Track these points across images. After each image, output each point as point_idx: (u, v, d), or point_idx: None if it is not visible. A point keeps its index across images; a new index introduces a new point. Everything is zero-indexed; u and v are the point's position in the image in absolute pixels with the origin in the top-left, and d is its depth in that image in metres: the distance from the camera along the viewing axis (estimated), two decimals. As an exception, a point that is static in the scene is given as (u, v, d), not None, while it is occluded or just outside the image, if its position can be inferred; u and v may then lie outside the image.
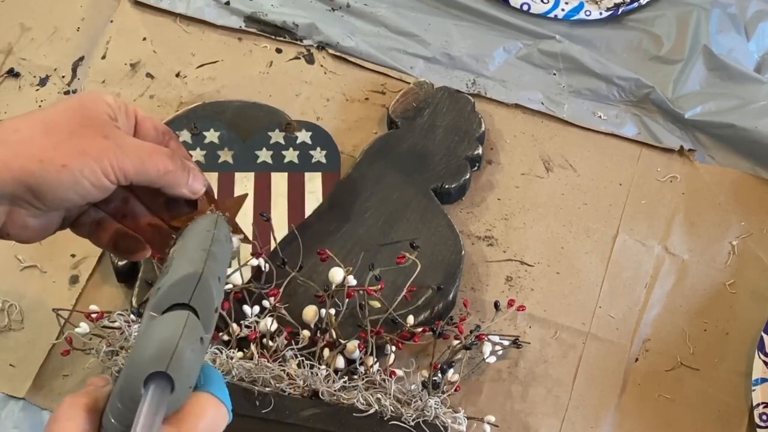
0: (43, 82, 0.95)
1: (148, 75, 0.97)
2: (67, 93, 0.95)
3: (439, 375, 0.78)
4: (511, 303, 0.83)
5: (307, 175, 0.88)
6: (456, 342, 0.80)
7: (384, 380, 0.76)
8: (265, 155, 0.89)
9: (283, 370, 0.74)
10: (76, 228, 0.62)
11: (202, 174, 0.60)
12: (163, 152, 0.58)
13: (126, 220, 0.62)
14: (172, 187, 0.58)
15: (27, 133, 0.54)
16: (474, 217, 0.90)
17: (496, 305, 0.82)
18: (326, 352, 0.77)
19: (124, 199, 0.62)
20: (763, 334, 0.84)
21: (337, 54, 0.99)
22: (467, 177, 0.90)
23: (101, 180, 0.55)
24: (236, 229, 0.62)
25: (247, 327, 0.77)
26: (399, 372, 0.78)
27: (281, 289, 0.78)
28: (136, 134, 0.60)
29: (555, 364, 0.83)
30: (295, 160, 0.89)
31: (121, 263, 0.82)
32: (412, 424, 0.73)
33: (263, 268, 0.80)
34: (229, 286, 0.78)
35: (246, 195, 0.65)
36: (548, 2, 1.03)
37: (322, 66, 0.99)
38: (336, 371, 0.76)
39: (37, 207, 0.55)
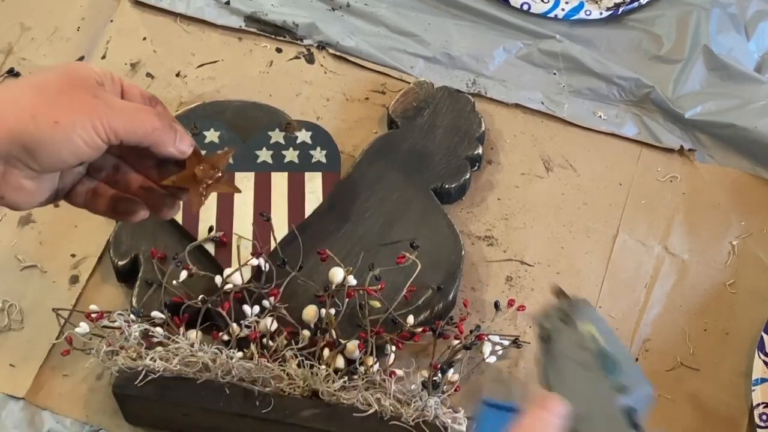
0: (43, 81, 0.95)
1: (148, 75, 0.97)
2: (67, 93, 0.95)
3: (439, 375, 0.78)
4: (511, 303, 0.83)
5: (307, 175, 0.88)
6: (456, 342, 0.80)
7: (384, 380, 0.76)
8: (265, 155, 0.89)
9: (283, 370, 0.74)
10: (71, 198, 0.63)
11: (189, 135, 0.61)
12: (150, 111, 0.59)
13: (118, 186, 0.63)
14: (159, 145, 0.59)
15: (18, 92, 0.55)
16: (474, 217, 0.90)
17: (496, 305, 0.82)
18: (326, 352, 0.77)
19: (115, 167, 0.62)
20: (763, 334, 0.84)
21: (337, 54, 0.99)
22: (467, 177, 0.90)
23: (93, 137, 0.55)
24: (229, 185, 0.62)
25: (247, 327, 0.77)
26: (399, 372, 0.78)
27: (281, 289, 0.78)
28: (123, 98, 0.60)
29: (555, 364, 0.83)
30: (295, 160, 0.89)
31: (121, 263, 0.82)
32: (412, 424, 0.73)
33: (263, 268, 0.80)
34: (229, 286, 0.78)
35: (232, 150, 0.65)
36: (548, 2, 1.03)
37: (322, 66, 0.99)
38: (336, 371, 0.76)
39: (31, 167, 0.55)
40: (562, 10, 1.02)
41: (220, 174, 0.61)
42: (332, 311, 0.77)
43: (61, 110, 0.55)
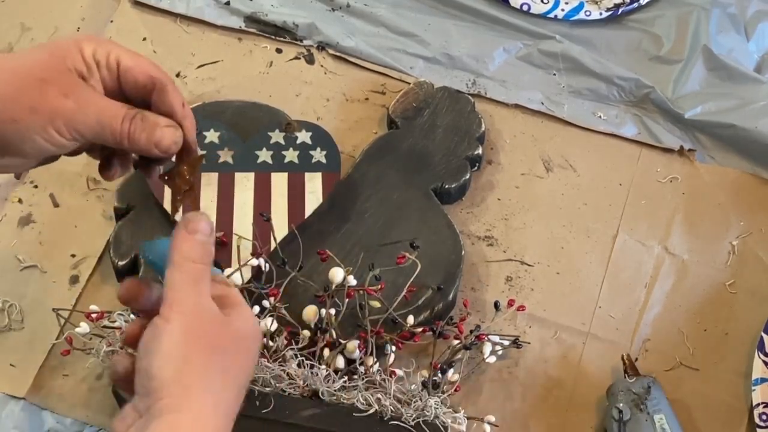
0: (43, 82, 0.95)
1: (148, 75, 0.97)
2: (67, 93, 0.95)
3: (439, 375, 0.78)
4: (511, 303, 0.83)
5: (307, 175, 0.88)
6: (456, 342, 0.80)
7: (384, 380, 0.76)
8: (265, 155, 0.89)
9: (283, 370, 0.74)
10: (91, 153, 0.60)
11: (174, 129, 0.57)
12: (121, 114, 0.56)
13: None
14: (130, 147, 0.57)
15: None
16: (474, 217, 0.90)
17: (496, 305, 0.82)
18: (326, 352, 0.77)
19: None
20: (763, 334, 0.84)
21: (337, 54, 0.99)
22: (467, 177, 0.90)
23: (54, 137, 0.54)
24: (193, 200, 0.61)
25: (247, 327, 0.77)
26: (399, 372, 0.78)
27: (281, 289, 0.78)
28: (121, 87, 0.57)
29: (555, 364, 0.83)
30: (295, 160, 0.89)
31: (121, 263, 0.82)
32: (412, 424, 0.73)
33: (263, 268, 0.80)
34: (229, 286, 0.78)
35: (201, 158, 0.61)
36: (548, 2, 1.03)
37: (322, 66, 0.99)
38: (336, 371, 0.76)
39: None
40: (562, 10, 1.02)
41: (188, 188, 0.59)
42: (332, 311, 0.77)
43: (21, 109, 0.53)
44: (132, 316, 0.76)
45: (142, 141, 0.56)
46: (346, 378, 0.75)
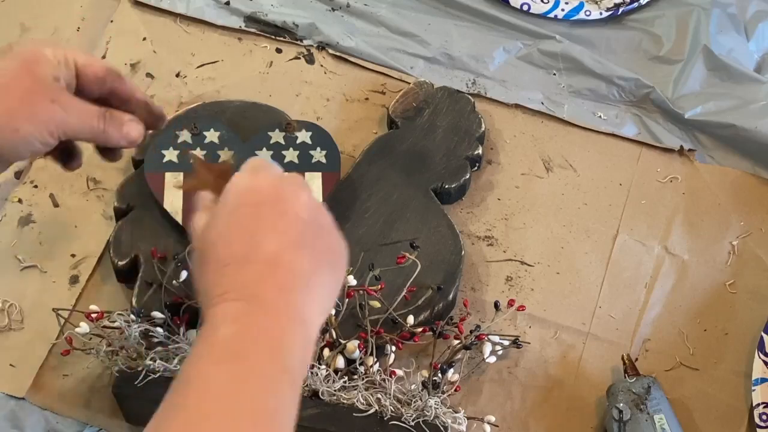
0: (43, 82, 0.95)
1: (148, 75, 0.97)
2: (67, 93, 0.95)
3: (439, 375, 0.78)
4: (511, 303, 0.83)
5: (307, 175, 0.88)
6: (456, 342, 0.80)
7: (384, 380, 0.76)
8: (265, 155, 0.89)
9: (283, 370, 0.74)
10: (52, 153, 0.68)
11: (137, 123, 0.68)
12: (95, 113, 0.65)
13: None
14: (103, 142, 0.67)
15: None
16: (474, 217, 0.90)
17: (496, 305, 0.82)
18: (326, 352, 0.77)
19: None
20: (763, 334, 0.84)
21: (337, 54, 0.99)
22: (467, 177, 0.90)
23: (47, 139, 0.62)
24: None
25: (247, 327, 0.77)
26: (399, 372, 0.78)
27: (281, 289, 0.78)
28: (79, 84, 0.65)
29: (555, 364, 0.83)
30: (295, 160, 0.88)
31: (121, 263, 0.82)
32: (412, 424, 0.73)
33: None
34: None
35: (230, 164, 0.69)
36: (548, 2, 1.03)
37: (322, 66, 0.99)
38: (336, 371, 0.76)
39: None
40: (562, 10, 1.02)
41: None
42: (332, 311, 0.77)
43: (22, 119, 0.61)
44: (132, 316, 0.76)
45: (114, 136, 0.66)
46: (346, 378, 0.75)
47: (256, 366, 0.51)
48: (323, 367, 0.75)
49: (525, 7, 1.02)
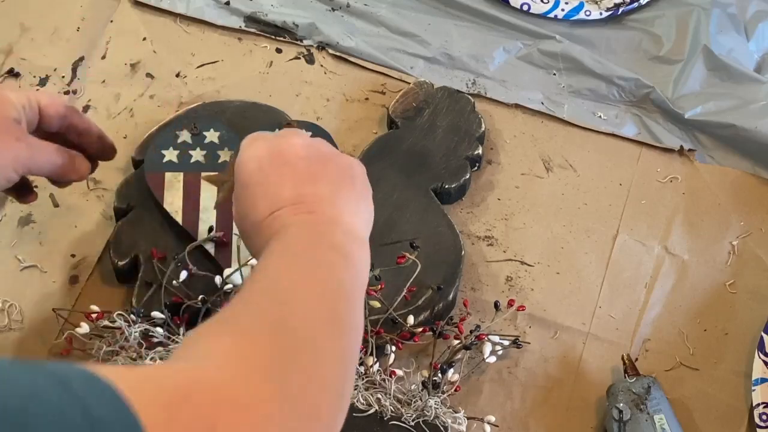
0: (43, 82, 0.95)
1: (148, 75, 0.97)
2: (67, 93, 0.95)
3: (439, 375, 0.78)
4: (511, 303, 0.83)
5: (307, 175, 0.87)
6: (456, 342, 0.80)
7: (384, 380, 0.76)
8: (265, 155, 0.89)
9: (283, 370, 0.74)
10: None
11: (88, 162, 0.76)
12: (53, 150, 0.72)
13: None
14: (61, 177, 0.74)
15: None
16: (474, 217, 0.90)
17: (496, 305, 0.82)
18: (326, 352, 0.77)
19: None
20: (763, 334, 0.84)
21: (337, 54, 0.99)
22: (467, 177, 0.90)
23: (12, 176, 0.69)
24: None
25: (247, 327, 0.77)
26: (399, 372, 0.78)
27: (281, 289, 0.78)
28: (41, 122, 0.73)
29: (555, 364, 0.83)
30: (295, 160, 0.88)
31: (121, 263, 0.82)
32: (412, 424, 0.73)
33: (263, 268, 0.80)
34: (229, 286, 0.78)
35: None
36: (548, 2, 1.03)
37: (322, 66, 0.99)
38: (336, 371, 0.76)
39: None
40: (562, 10, 1.02)
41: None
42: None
43: None
44: (132, 316, 0.76)
45: (71, 174, 0.74)
46: (346, 378, 0.75)
47: (309, 248, 0.60)
48: (323, 367, 0.75)
49: (525, 7, 1.02)
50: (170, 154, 0.87)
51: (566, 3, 1.03)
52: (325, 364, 0.52)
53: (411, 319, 0.80)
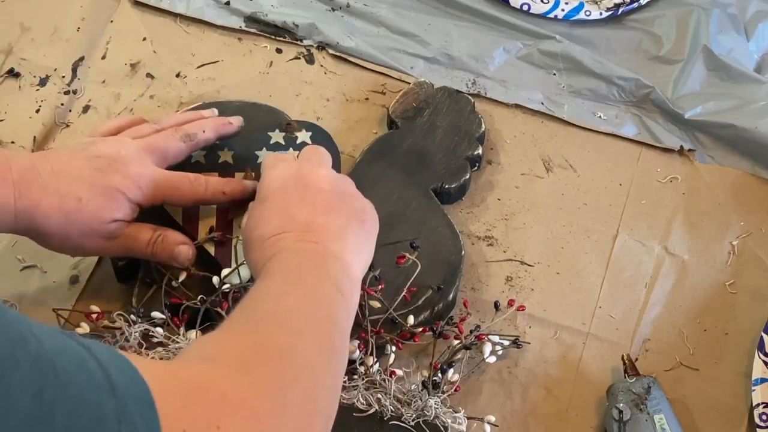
0: (43, 82, 0.95)
1: (148, 75, 0.97)
2: (67, 93, 0.95)
3: (439, 375, 0.78)
4: (511, 303, 0.83)
5: (307, 175, 0.87)
6: (456, 342, 0.80)
7: (384, 380, 0.76)
8: (265, 155, 0.89)
9: (283, 370, 0.74)
10: None
11: (189, 246, 0.79)
12: (148, 240, 0.77)
13: None
14: (155, 260, 0.80)
15: None
16: (474, 217, 0.90)
17: (496, 305, 0.82)
18: (326, 352, 0.77)
19: None
20: (763, 334, 0.84)
21: (337, 54, 0.99)
22: (467, 177, 0.90)
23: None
24: None
25: (247, 327, 0.77)
26: (399, 372, 0.78)
27: (281, 289, 0.78)
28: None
29: (555, 364, 0.83)
30: (295, 160, 0.88)
31: (121, 263, 0.82)
32: (412, 424, 0.73)
33: (263, 268, 0.80)
34: (227, 286, 0.78)
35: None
36: (548, 2, 1.03)
37: (322, 66, 0.99)
38: (336, 371, 0.76)
39: None
40: (562, 10, 1.02)
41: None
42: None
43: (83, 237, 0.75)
44: (132, 316, 0.76)
45: (164, 257, 0.76)
46: (346, 378, 0.75)
47: (311, 277, 0.64)
48: (323, 367, 0.75)
49: (525, 7, 1.02)
50: (170, 154, 0.86)
51: (566, 3, 1.03)
52: (320, 389, 0.57)
53: (411, 319, 0.80)
